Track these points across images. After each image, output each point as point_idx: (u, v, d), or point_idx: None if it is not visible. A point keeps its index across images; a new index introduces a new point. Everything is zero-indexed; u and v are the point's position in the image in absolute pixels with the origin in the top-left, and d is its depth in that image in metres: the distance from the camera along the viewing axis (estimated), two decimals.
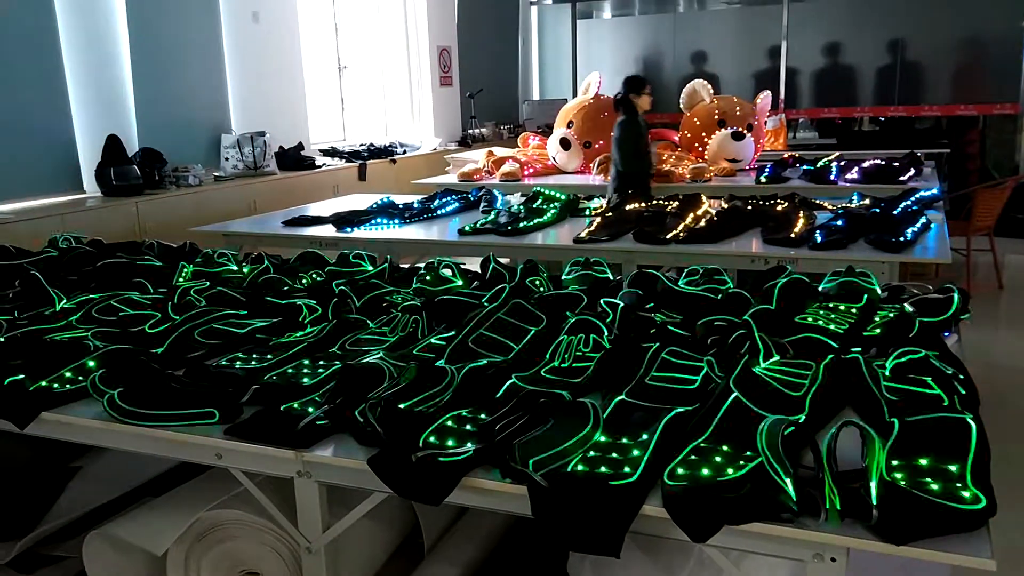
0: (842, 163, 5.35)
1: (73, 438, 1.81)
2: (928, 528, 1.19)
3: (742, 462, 1.36)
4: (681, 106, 6.09)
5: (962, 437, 1.40)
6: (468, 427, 1.56)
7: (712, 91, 6.00)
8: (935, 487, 1.26)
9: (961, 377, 1.65)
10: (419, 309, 2.24)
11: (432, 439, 1.51)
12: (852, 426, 1.33)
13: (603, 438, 1.50)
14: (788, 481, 1.25)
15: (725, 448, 1.44)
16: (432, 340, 2.11)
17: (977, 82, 8.46)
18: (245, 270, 2.86)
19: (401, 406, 1.60)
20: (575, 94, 9.27)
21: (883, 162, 5.37)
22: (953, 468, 1.32)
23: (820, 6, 9.10)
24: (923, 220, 3.45)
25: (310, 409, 1.68)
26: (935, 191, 4.04)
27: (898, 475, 1.29)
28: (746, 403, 1.57)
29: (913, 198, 3.83)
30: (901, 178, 4.90)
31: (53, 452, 2.42)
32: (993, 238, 5.58)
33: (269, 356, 2.05)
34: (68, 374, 1.92)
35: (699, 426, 1.53)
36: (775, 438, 1.32)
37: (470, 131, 8.83)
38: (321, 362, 2.00)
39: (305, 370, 1.95)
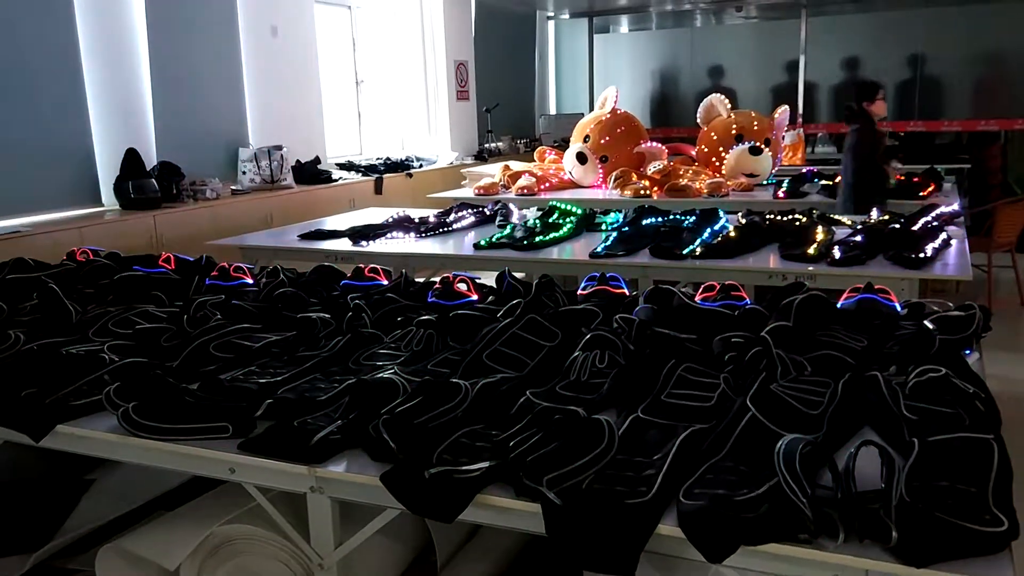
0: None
1: (88, 451, 1.81)
2: (948, 550, 1.16)
3: (759, 481, 1.34)
4: (698, 120, 6.07)
5: (984, 458, 1.37)
6: (482, 443, 1.55)
7: (729, 105, 5.98)
8: (956, 508, 1.23)
9: (982, 396, 1.62)
10: (433, 324, 2.23)
11: (446, 455, 1.50)
12: (871, 445, 1.31)
13: (618, 456, 1.48)
14: (806, 501, 1.23)
15: (742, 467, 1.42)
16: (447, 355, 2.10)
17: (998, 97, 8.40)
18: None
19: (415, 422, 1.59)
20: (592, 108, 9.28)
21: (903, 177, 5.33)
22: (974, 489, 1.29)
23: (838, 20, 9.08)
24: (943, 236, 3.41)
25: (323, 424, 1.67)
26: (956, 207, 4.00)
27: (918, 496, 1.26)
28: (763, 421, 1.55)
29: (933, 214, 3.79)
30: (921, 194, 4.86)
31: (68, 465, 2.43)
32: (1015, 254, 5.51)
33: (283, 370, 2.05)
34: (84, 387, 1.93)
35: (715, 444, 1.51)
36: (792, 457, 1.30)
37: (486, 145, 8.85)
38: (335, 377, 2.00)
39: (319, 385, 1.95)
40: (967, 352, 1.98)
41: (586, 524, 1.30)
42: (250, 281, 2.91)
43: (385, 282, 2.83)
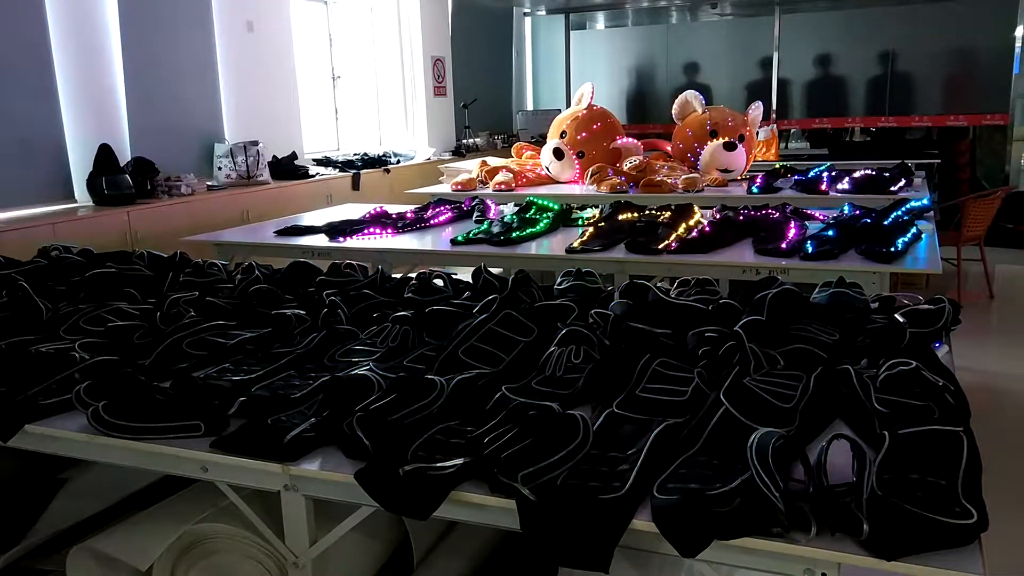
0: (833, 173, 5.36)
1: (57, 451, 1.79)
2: (919, 543, 1.18)
3: (732, 475, 1.35)
4: (673, 116, 6.10)
5: (953, 450, 1.39)
6: (457, 440, 1.55)
7: (704, 102, 6.01)
8: (926, 501, 1.25)
9: (952, 389, 1.64)
10: (409, 320, 2.23)
11: (420, 452, 1.50)
12: (843, 439, 1.32)
13: (593, 451, 1.49)
14: (778, 495, 1.24)
15: (715, 461, 1.43)
16: (423, 351, 2.10)
17: (967, 93, 8.51)
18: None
19: (389, 419, 1.59)
20: (568, 105, 9.29)
21: (874, 172, 5.38)
22: (944, 482, 1.31)
23: (811, 18, 9.16)
24: (914, 230, 3.45)
25: (297, 421, 1.66)
26: (926, 201, 4.04)
27: (888, 489, 1.28)
28: (736, 415, 1.56)
29: (904, 208, 3.84)
30: (892, 188, 4.92)
31: (40, 464, 2.40)
32: (983, 248, 5.59)
33: (257, 368, 2.03)
34: (53, 386, 1.90)
35: (689, 438, 1.52)
36: (765, 451, 1.31)
37: (464, 141, 8.84)
38: (310, 374, 1.99)
39: (294, 382, 1.93)
40: (937, 345, 2.00)
41: (561, 520, 1.31)
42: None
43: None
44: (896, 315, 2.03)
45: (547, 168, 5.99)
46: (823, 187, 5.07)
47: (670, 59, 9.88)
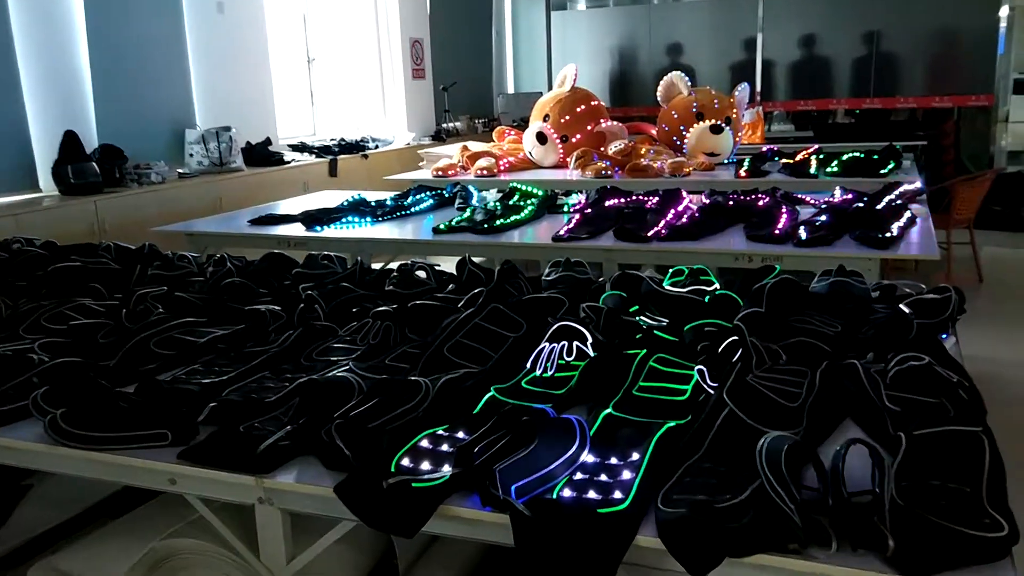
0: (821, 156, 5.27)
1: (13, 462, 1.67)
2: (948, 559, 1.09)
3: (741, 485, 1.25)
4: (659, 99, 5.99)
5: (974, 453, 1.30)
6: (444, 447, 1.44)
7: (690, 84, 5.90)
8: (951, 511, 1.16)
9: (966, 385, 1.55)
10: (391, 315, 2.11)
11: (405, 462, 1.39)
12: (859, 443, 1.23)
13: (590, 458, 1.39)
14: (793, 507, 1.14)
15: (721, 468, 1.33)
16: (405, 348, 1.99)
17: (952, 73, 8.46)
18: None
19: (370, 425, 1.48)
20: (550, 87, 9.15)
21: (862, 155, 5.30)
22: (968, 489, 1.22)
23: None
24: (908, 214, 3.38)
25: (272, 429, 1.55)
26: (918, 184, 3.97)
27: (909, 498, 1.19)
28: (741, 416, 1.47)
29: (896, 192, 3.76)
30: (881, 171, 4.84)
31: (2, 471, 2.27)
32: (972, 231, 5.55)
33: (229, 369, 1.91)
34: (10, 391, 1.78)
35: (692, 443, 1.42)
36: (777, 458, 1.21)
37: (444, 125, 8.68)
38: (286, 375, 1.88)
39: (268, 384, 1.82)
40: (943, 336, 1.92)
41: (558, 536, 1.20)
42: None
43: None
44: (901, 305, 1.94)
45: (530, 153, 5.86)
46: (811, 170, 4.99)
47: (653, 40, 9.75)
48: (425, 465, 1.38)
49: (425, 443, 1.46)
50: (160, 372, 1.95)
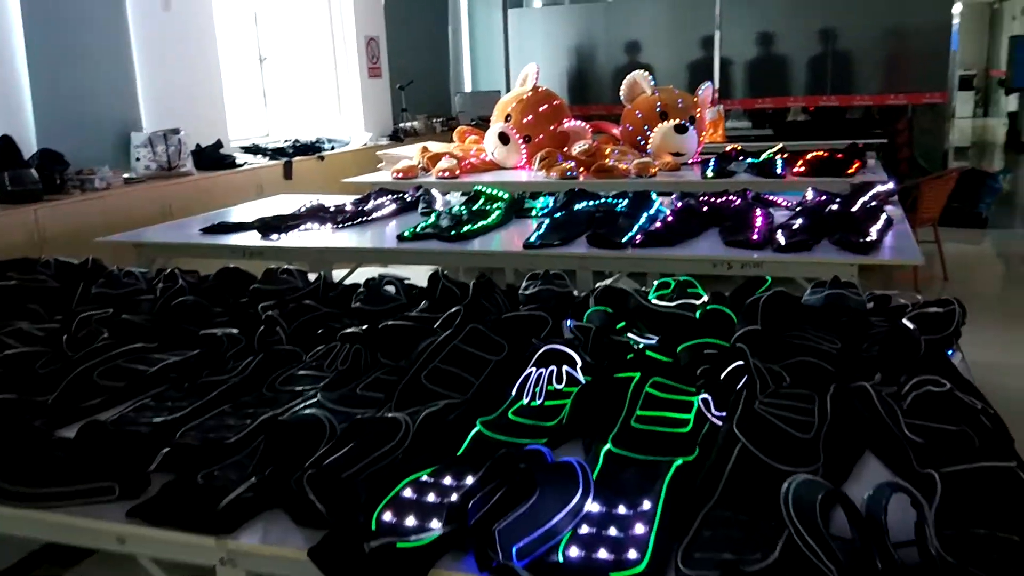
0: (785, 156, 5.22)
1: None
2: None
3: (768, 538, 1.13)
4: (622, 98, 5.88)
5: (1014, 492, 1.19)
6: (431, 497, 1.29)
7: (653, 82, 5.81)
8: (1006, 567, 1.04)
9: (990, 411, 1.45)
10: (361, 337, 1.95)
11: (387, 516, 1.24)
12: (900, 491, 1.11)
13: (596, 506, 1.25)
14: (834, 569, 1.02)
15: (742, 517, 1.21)
16: (378, 375, 1.83)
17: (907, 71, 8.50)
18: None
19: (345, 475, 1.32)
20: (508, 85, 9.00)
21: (826, 154, 5.27)
22: (1017, 538, 1.11)
23: None
24: (884, 217, 3.31)
25: (233, 478, 1.38)
26: (891, 185, 3.91)
27: (956, 551, 1.07)
28: (756, 453, 1.35)
29: (870, 193, 3.70)
30: (849, 171, 4.80)
31: None
32: (937, 229, 5.55)
33: (183, 403, 1.74)
34: None
35: (706, 485, 1.29)
36: (811, 511, 1.09)
37: (401, 125, 8.48)
38: (247, 409, 1.71)
39: (228, 421, 1.65)
40: (950, 353, 1.82)
41: None
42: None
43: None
44: (904, 320, 1.83)
45: (492, 153, 5.71)
46: (778, 171, 4.92)
47: (610, 38, 9.65)
48: (410, 520, 1.23)
49: (408, 492, 1.31)
50: (106, 407, 1.76)
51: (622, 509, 1.24)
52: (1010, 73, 14.12)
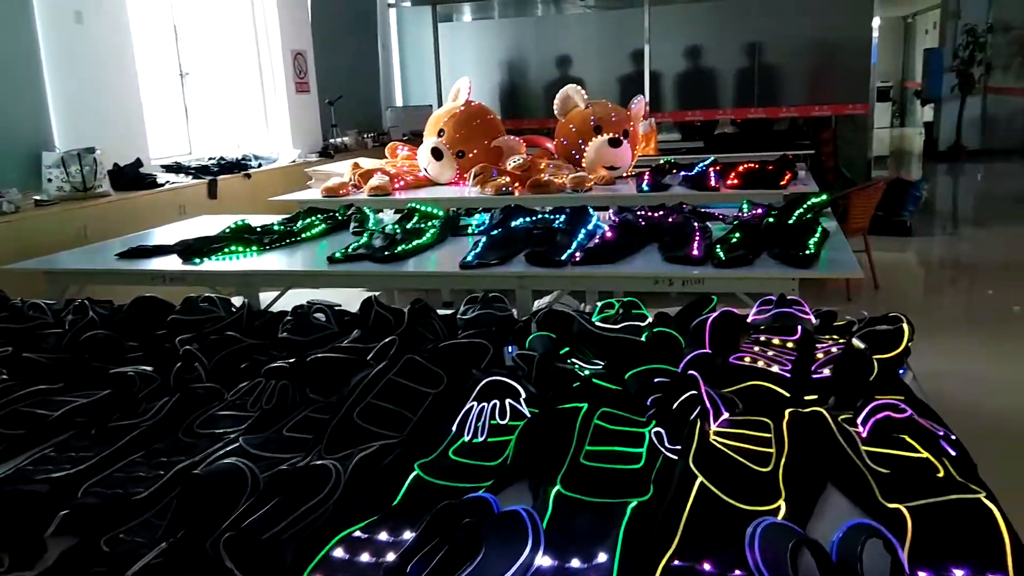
0: (718, 168, 5.25)
1: None
2: None
3: None
4: (555, 112, 5.84)
5: (986, 526, 1.13)
6: (364, 557, 1.17)
7: (587, 96, 5.78)
8: None
9: (952, 438, 1.40)
10: (287, 372, 1.81)
11: None
12: (876, 538, 1.03)
13: (547, 560, 1.14)
14: None
15: (706, 566, 1.12)
16: (307, 413, 1.70)
17: (830, 84, 8.72)
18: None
19: (266, 536, 1.18)
20: (440, 100, 8.92)
21: (757, 166, 5.31)
22: None
23: (680, 9, 9.15)
24: (820, 229, 3.31)
25: (143, 541, 1.24)
26: (825, 196, 3.94)
27: None
28: (715, 492, 1.26)
29: (806, 205, 3.71)
30: (782, 183, 4.84)
31: None
32: (867, 238, 5.65)
33: (89, 452, 1.57)
34: None
35: (664, 529, 1.20)
36: (781, 562, 1.00)
37: (332, 140, 8.30)
38: (160, 458, 1.55)
39: (139, 472, 1.49)
40: (901, 372, 1.78)
41: None
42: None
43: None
44: (854, 340, 1.79)
45: (425, 169, 5.60)
46: (712, 183, 4.94)
47: (541, 52, 9.66)
48: None
49: (340, 552, 1.18)
50: (1, 459, 1.59)
51: (576, 563, 1.13)
52: (925, 84, 14.67)
